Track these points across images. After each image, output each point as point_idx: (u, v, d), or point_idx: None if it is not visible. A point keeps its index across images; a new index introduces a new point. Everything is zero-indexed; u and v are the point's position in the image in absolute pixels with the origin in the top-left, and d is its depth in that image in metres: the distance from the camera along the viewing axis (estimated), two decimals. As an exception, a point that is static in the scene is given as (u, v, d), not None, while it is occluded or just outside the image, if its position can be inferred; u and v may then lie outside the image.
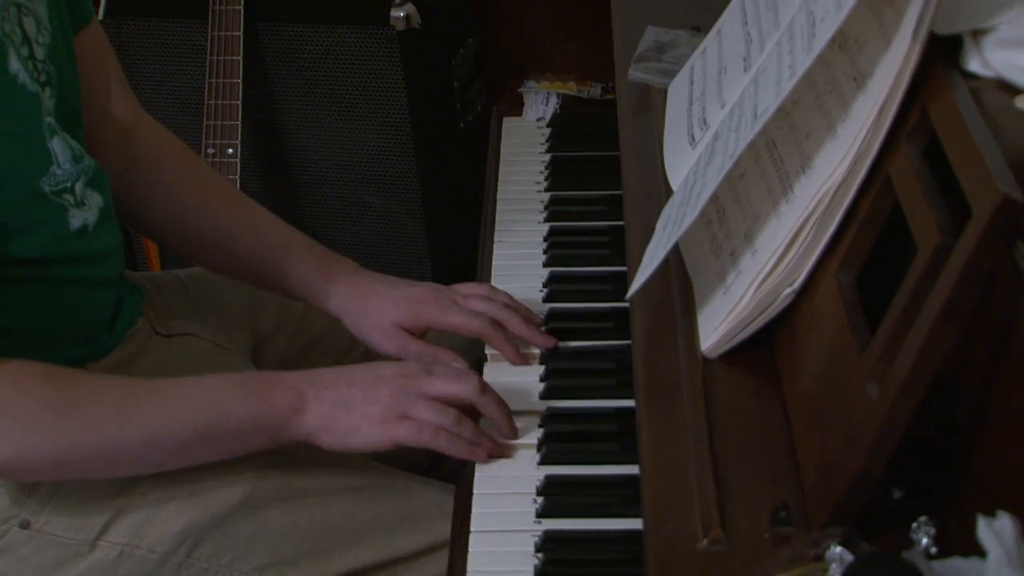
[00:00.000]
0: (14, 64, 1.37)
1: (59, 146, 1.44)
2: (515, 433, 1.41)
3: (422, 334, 1.60)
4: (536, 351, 1.54)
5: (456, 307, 1.58)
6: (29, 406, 1.33)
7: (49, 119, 1.43)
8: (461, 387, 1.39)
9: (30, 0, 1.43)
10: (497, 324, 1.50)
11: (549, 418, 1.43)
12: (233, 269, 1.72)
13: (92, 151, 1.51)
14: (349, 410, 1.38)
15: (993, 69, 1.15)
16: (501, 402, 1.40)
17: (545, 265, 1.69)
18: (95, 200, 1.50)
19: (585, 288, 1.64)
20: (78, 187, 1.47)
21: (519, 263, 1.70)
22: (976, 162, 1.01)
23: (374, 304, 1.62)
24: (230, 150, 2.46)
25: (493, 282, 1.66)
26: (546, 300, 1.63)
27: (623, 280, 1.50)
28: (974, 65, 1.16)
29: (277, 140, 2.65)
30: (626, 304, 1.46)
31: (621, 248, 1.55)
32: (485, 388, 1.39)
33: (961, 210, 1.02)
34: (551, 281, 1.65)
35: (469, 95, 2.67)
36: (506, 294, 1.56)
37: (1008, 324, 0.98)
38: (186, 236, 1.71)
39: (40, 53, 1.43)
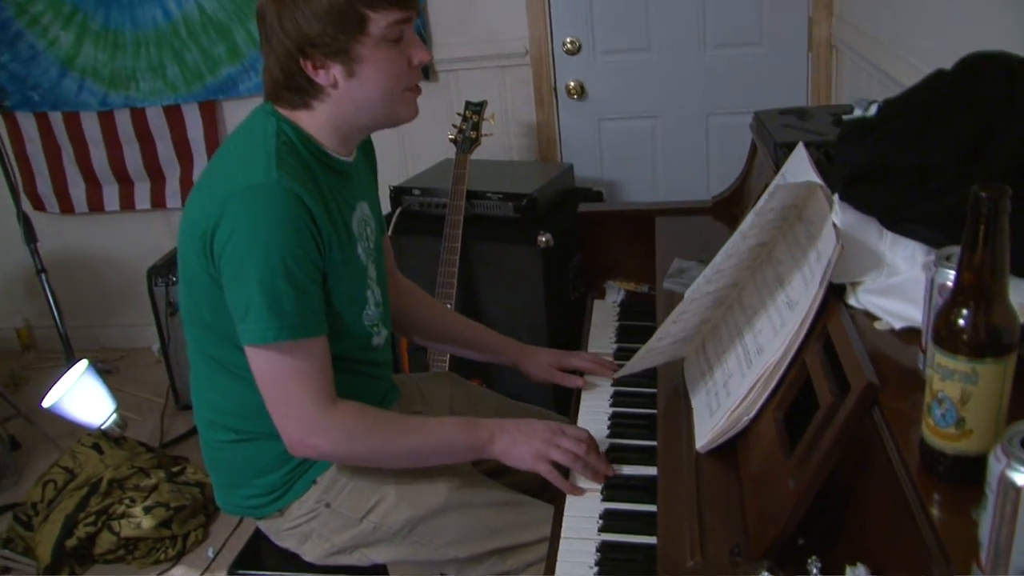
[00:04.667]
0: (358, 249, 1.42)
1: (371, 296, 1.47)
2: (611, 470, 1.36)
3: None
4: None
5: (577, 357, 1.67)
6: (355, 426, 1.36)
7: (369, 281, 1.47)
8: (575, 445, 1.36)
9: (371, 219, 1.49)
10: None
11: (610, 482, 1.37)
12: (459, 346, 1.78)
13: None
14: (517, 447, 1.38)
15: (862, 305, 1.13)
16: (600, 457, 1.37)
17: (612, 385, 1.62)
18: (384, 332, 1.53)
19: (634, 401, 1.57)
20: (379, 324, 1.50)
21: (598, 385, 1.64)
22: (853, 358, 0.99)
23: (539, 355, 1.72)
24: (449, 304, 2.48)
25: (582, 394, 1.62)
26: (612, 406, 1.56)
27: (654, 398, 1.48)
28: (852, 301, 1.14)
29: (472, 299, 2.67)
30: (653, 411, 1.44)
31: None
32: (590, 448, 1.37)
33: (841, 378, 0.99)
34: (615, 395, 1.59)
35: (576, 281, 2.67)
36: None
37: (867, 451, 0.94)
38: (430, 331, 1.77)
39: (371, 244, 1.47)
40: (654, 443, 1.40)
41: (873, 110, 1.24)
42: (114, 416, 2.78)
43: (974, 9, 1.75)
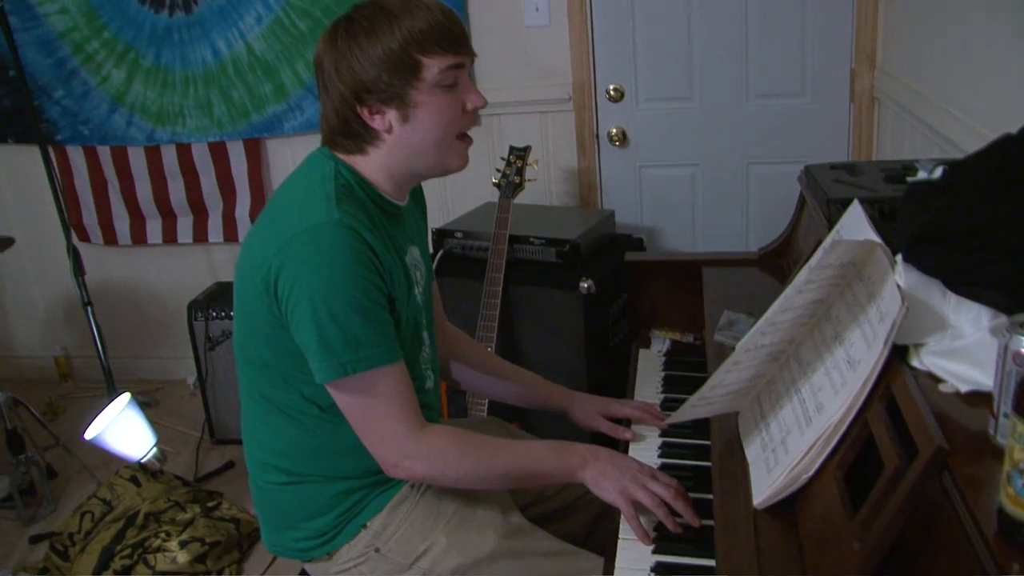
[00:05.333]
0: (415, 292, 1.44)
1: (426, 339, 1.48)
2: (697, 521, 1.32)
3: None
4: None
5: (625, 405, 1.65)
6: (448, 449, 1.37)
7: (423, 322, 1.48)
8: (664, 490, 1.34)
9: (420, 263, 1.51)
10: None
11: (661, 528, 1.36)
12: (508, 392, 1.77)
13: None
14: (606, 478, 1.37)
15: (925, 366, 1.12)
16: (688, 507, 1.34)
17: (660, 436, 1.62)
18: (433, 376, 1.55)
19: (682, 452, 1.56)
20: (430, 367, 1.51)
21: (646, 436, 1.62)
22: (920, 421, 0.99)
23: (587, 402, 1.69)
24: (489, 348, 2.49)
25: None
26: (660, 457, 1.56)
27: (705, 451, 1.47)
28: (915, 362, 1.14)
29: (512, 343, 2.68)
30: (701, 463, 1.43)
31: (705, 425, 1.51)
32: (678, 494, 1.34)
33: (905, 439, 0.99)
34: (663, 446, 1.59)
35: (616, 328, 2.68)
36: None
37: (935, 515, 0.94)
38: (479, 376, 1.77)
39: (423, 289, 1.49)
40: (704, 495, 1.40)
41: (939, 172, 1.25)
42: (154, 450, 2.80)
43: (1022, 65, 1.76)
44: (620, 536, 1.36)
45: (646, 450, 1.58)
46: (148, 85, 3.38)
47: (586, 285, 2.52)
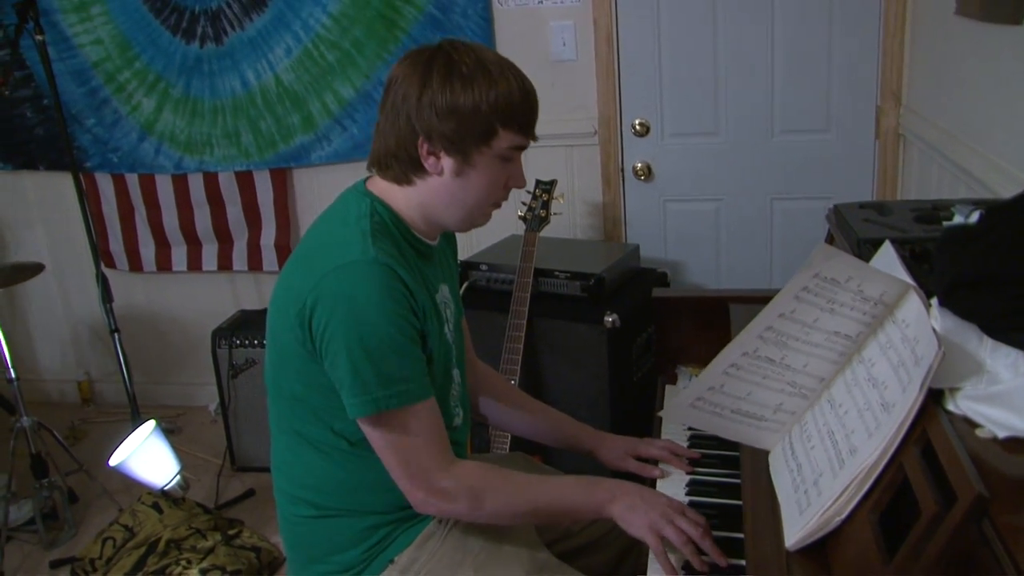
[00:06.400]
0: (446, 330, 1.45)
1: (456, 376, 1.49)
2: (724, 561, 1.29)
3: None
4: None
5: (652, 445, 1.64)
6: (477, 485, 1.38)
7: (453, 359, 1.49)
8: (692, 528, 1.33)
9: (450, 301, 1.52)
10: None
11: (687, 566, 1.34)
12: (536, 433, 1.77)
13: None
14: (634, 512, 1.36)
15: (961, 411, 1.12)
16: (714, 546, 1.32)
17: (688, 472, 1.61)
18: (462, 413, 1.56)
19: (710, 490, 1.54)
20: (460, 404, 1.52)
21: (673, 472, 1.61)
22: (958, 467, 0.98)
23: (615, 442, 1.68)
24: (513, 380, 2.49)
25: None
26: (688, 495, 1.54)
27: (733, 489, 1.46)
28: (950, 407, 1.13)
29: (535, 376, 2.68)
30: (729, 501, 1.43)
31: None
32: (705, 534, 1.33)
33: (942, 484, 0.98)
34: (691, 483, 1.57)
35: (640, 362, 2.68)
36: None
37: (974, 562, 0.93)
38: (508, 415, 1.77)
39: (453, 327, 1.50)
40: (732, 534, 1.39)
41: (975, 216, 1.26)
42: (178, 477, 2.81)
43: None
44: (648, 574, 1.35)
45: (673, 487, 1.57)
46: (177, 114, 3.43)
47: (611, 319, 2.52)
